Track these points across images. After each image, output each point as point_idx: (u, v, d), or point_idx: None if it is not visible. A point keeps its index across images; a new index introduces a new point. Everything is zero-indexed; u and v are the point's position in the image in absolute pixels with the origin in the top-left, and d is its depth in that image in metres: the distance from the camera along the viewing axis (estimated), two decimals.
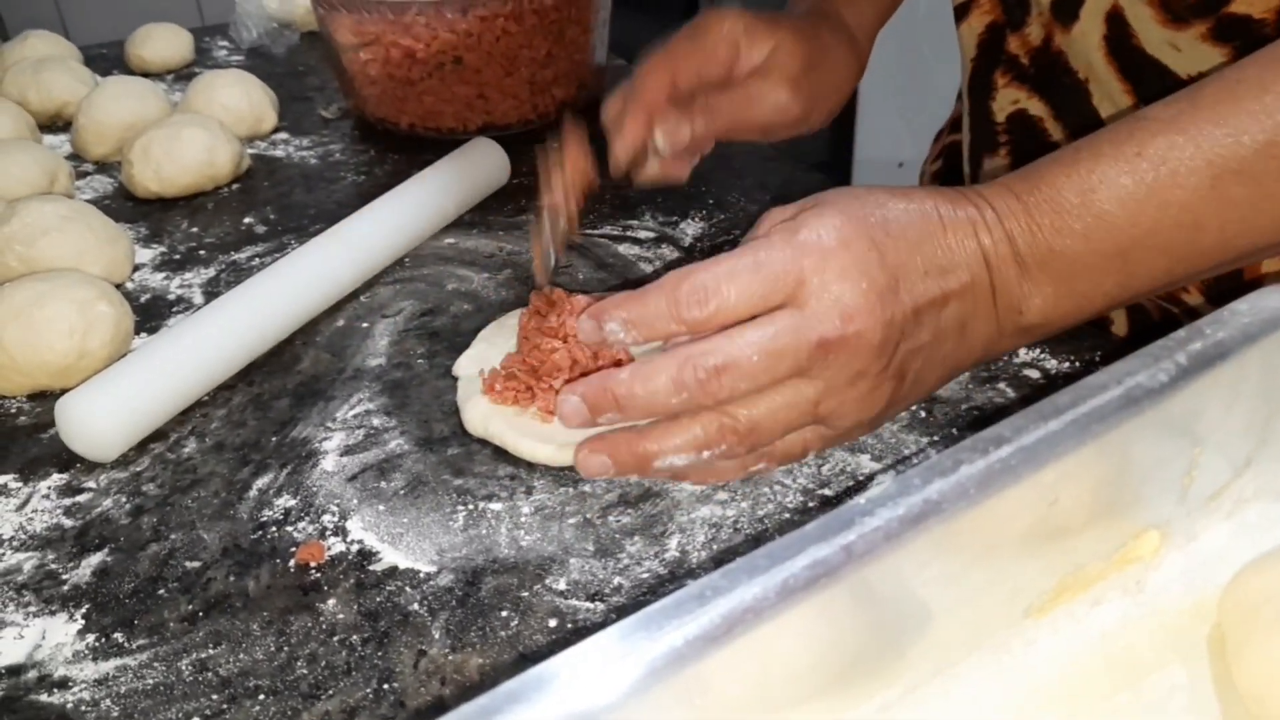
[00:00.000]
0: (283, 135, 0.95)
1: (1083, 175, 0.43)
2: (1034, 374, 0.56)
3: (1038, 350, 0.57)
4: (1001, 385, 0.55)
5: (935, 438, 0.51)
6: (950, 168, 0.82)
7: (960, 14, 0.72)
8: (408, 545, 0.47)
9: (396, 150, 0.90)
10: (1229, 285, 0.61)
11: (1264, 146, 0.41)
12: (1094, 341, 0.58)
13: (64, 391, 0.55)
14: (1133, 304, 0.61)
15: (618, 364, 0.52)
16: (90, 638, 0.43)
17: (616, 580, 0.45)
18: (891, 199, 0.44)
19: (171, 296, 0.69)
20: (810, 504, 0.48)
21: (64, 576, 0.47)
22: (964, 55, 0.73)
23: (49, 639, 0.43)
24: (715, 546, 0.46)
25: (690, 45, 0.63)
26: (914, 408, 0.53)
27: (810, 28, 0.66)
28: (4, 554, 0.48)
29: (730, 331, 0.41)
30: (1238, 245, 0.44)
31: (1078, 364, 0.56)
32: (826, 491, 0.48)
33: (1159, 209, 0.42)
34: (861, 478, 0.49)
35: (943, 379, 0.46)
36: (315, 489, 0.51)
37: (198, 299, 0.68)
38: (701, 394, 0.41)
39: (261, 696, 0.40)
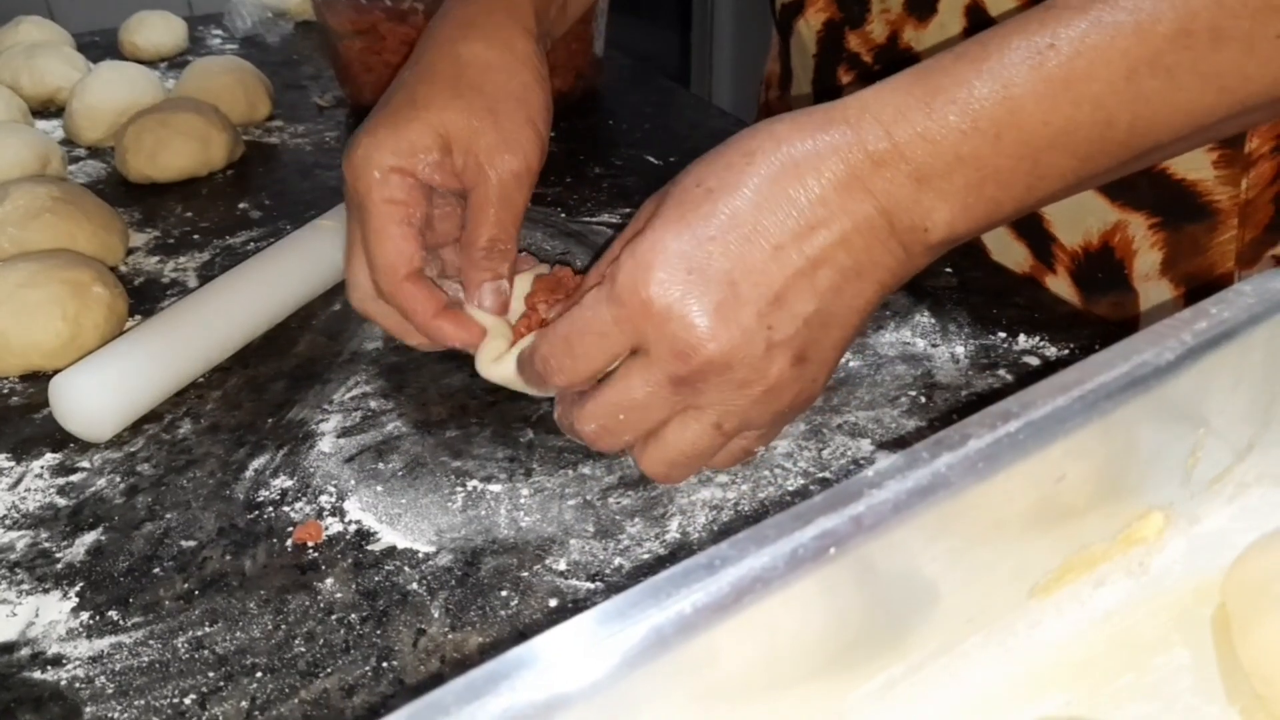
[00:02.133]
0: (277, 123, 0.95)
1: (995, 69, 0.39)
2: (1034, 361, 0.56)
3: (1037, 338, 0.57)
4: (1001, 371, 0.55)
5: (936, 422, 0.51)
6: None
7: (794, 11, 0.71)
8: (406, 525, 0.47)
9: None
10: (1201, 284, 0.62)
11: (1178, 35, 0.38)
12: (1093, 329, 0.58)
13: (56, 372, 0.54)
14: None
15: None
16: (84, 615, 0.43)
17: (617, 561, 0.44)
18: (728, 174, 0.40)
19: (166, 280, 0.68)
20: (811, 487, 0.48)
21: (57, 555, 0.46)
22: (805, 51, 0.72)
23: (42, 616, 0.43)
24: (716, 528, 0.46)
25: (382, 235, 0.51)
26: (913, 394, 0.53)
27: (447, 61, 0.54)
28: None
29: (596, 394, 0.43)
30: (1144, 143, 0.41)
31: (1078, 351, 0.56)
32: (827, 475, 0.48)
33: (1072, 105, 0.39)
34: (862, 461, 0.49)
35: (857, 325, 0.43)
36: (312, 470, 0.51)
37: (192, 283, 0.68)
38: (604, 448, 0.45)
39: (259, 674, 0.40)
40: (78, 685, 0.40)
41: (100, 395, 0.52)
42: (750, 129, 0.42)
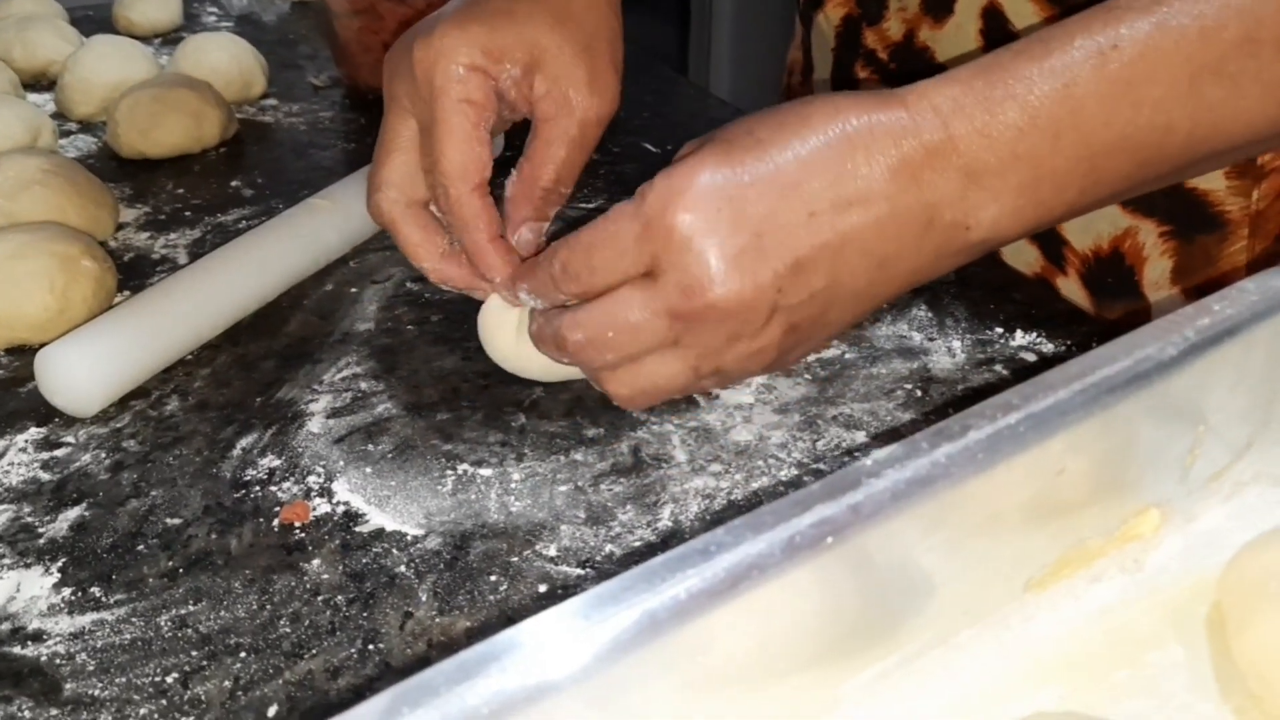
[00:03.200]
0: (271, 101, 0.94)
1: (1056, 67, 0.38)
2: (1030, 357, 0.55)
3: (1034, 334, 0.57)
4: (997, 367, 0.55)
5: (931, 416, 0.51)
6: None
7: (815, 3, 0.71)
8: (395, 508, 0.46)
9: None
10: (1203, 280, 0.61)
11: (1242, 43, 0.38)
12: (1090, 327, 0.58)
13: (43, 346, 0.53)
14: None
15: None
16: (66, 591, 0.42)
17: (608, 548, 0.44)
18: (780, 131, 0.40)
19: (155, 256, 0.68)
20: (805, 477, 0.47)
21: (40, 530, 0.45)
22: (824, 45, 0.72)
23: (24, 591, 0.42)
24: (708, 517, 0.45)
25: (455, 135, 0.49)
26: (909, 387, 0.53)
27: None
28: None
29: (592, 305, 0.42)
30: (1202, 150, 0.40)
31: (1074, 348, 0.56)
32: (821, 466, 0.48)
33: (1133, 108, 0.38)
34: (857, 453, 0.49)
35: (858, 314, 0.43)
36: (301, 450, 0.50)
37: (182, 259, 0.67)
38: (580, 361, 0.44)
39: (243, 654, 0.39)
40: (58, 661, 0.39)
41: (87, 370, 0.51)
42: (809, 97, 0.41)
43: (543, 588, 0.42)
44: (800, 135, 0.39)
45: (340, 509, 0.46)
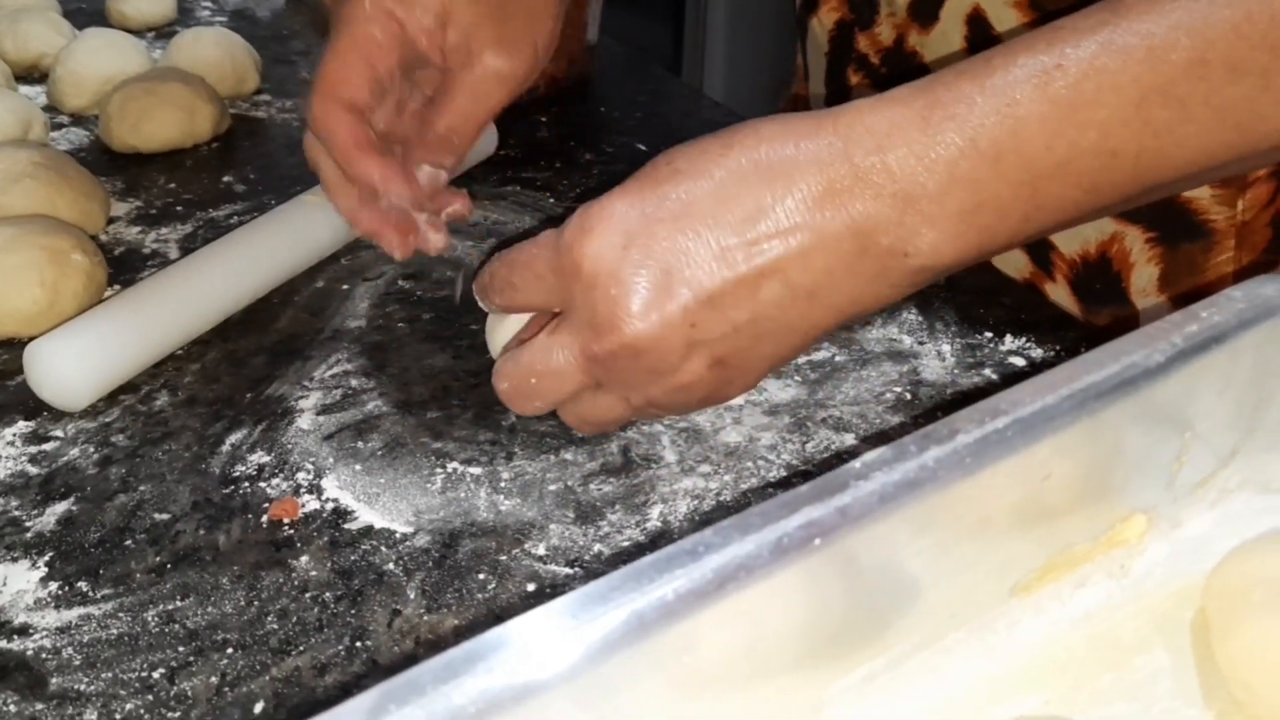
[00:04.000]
0: (265, 97, 0.93)
1: (998, 87, 0.37)
2: (1019, 361, 0.56)
3: (1023, 339, 0.57)
4: (986, 371, 0.55)
5: (920, 419, 0.51)
6: None
7: (809, 8, 0.71)
8: (384, 505, 0.46)
9: None
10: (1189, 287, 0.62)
11: (1192, 65, 0.36)
12: (1079, 332, 0.58)
13: (32, 339, 0.53)
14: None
15: None
16: (53, 586, 0.42)
17: (597, 548, 0.44)
18: (698, 161, 0.39)
19: (146, 251, 0.67)
20: (794, 479, 0.47)
21: (27, 524, 0.45)
22: (819, 49, 0.72)
23: (10, 585, 0.42)
24: (697, 518, 0.45)
25: (340, 57, 0.49)
26: (899, 390, 0.53)
27: None
28: None
29: (511, 354, 0.43)
30: (1150, 177, 0.38)
31: (1062, 353, 0.56)
32: (810, 468, 0.48)
33: (1077, 130, 0.37)
34: (846, 455, 0.49)
35: (797, 345, 0.41)
36: (290, 446, 0.50)
37: (173, 254, 0.67)
38: (514, 408, 0.44)
39: (230, 650, 0.39)
40: (44, 656, 0.39)
41: (76, 364, 0.51)
42: (739, 124, 0.40)
43: (531, 586, 0.42)
44: (717, 164, 0.39)
45: (329, 506, 0.46)
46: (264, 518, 0.46)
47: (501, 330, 0.51)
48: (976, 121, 0.37)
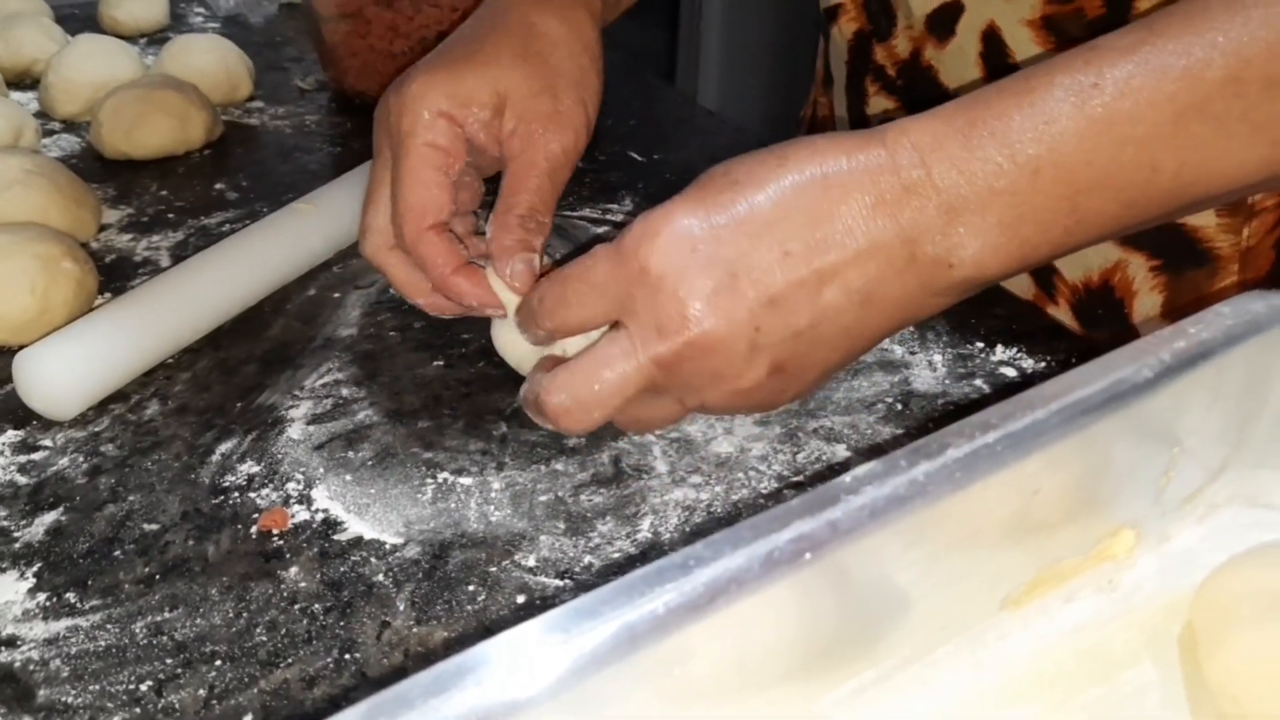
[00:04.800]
0: (257, 104, 0.93)
1: (1036, 105, 0.38)
2: (1010, 372, 0.56)
3: (1014, 350, 0.57)
4: (978, 382, 0.55)
5: (911, 430, 0.51)
6: None
7: (830, 16, 0.72)
8: (374, 516, 0.46)
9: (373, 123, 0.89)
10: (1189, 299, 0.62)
11: (1228, 83, 0.37)
12: (1069, 343, 0.58)
13: (22, 348, 0.53)
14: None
15: None
16: (41, 597, 0.42)
17: (587, 559, 0.44)
18: (756, 173, 0.40)
19: (138, 258, 0.67)
20: (785, 491, 0.47)
21: (15, 534, 0.45)
22: (838, 57, 0.73)
23: None
24: (688, 529, 0.45)
25: (416, 178, 0.50)
26: (890, 401, 0.53)
27: (519, 27, 0.54)
28: None
29: (568, 365, 0.43)
30: (1191, 192, 0.40)
31: (1054, 364, 0.56)
32: (801, 479, 0.48)
33: (1116, 146, 0.38)
34: (837, 466, 0.49)
35: (851, 351, 0.42)
36: (280, 456, 0.50)
37: (165, 262, 0.67)
38: (568, 422, 0.43)
39: (218, 662, 0.39)
40: (32, 668, 0.39)
41: (65, 373, 0.51)
42: (788, 141, 0.41)
43: (521, 598, 0.42)
44: (776, 176, 0.40)
45: (319, 516, 0.46)
46: (253, 528, 0.45)
47: (515, 336, 0.51)
48: (1015, 137, 0.38)
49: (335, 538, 0.45)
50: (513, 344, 0.51)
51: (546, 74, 0.53)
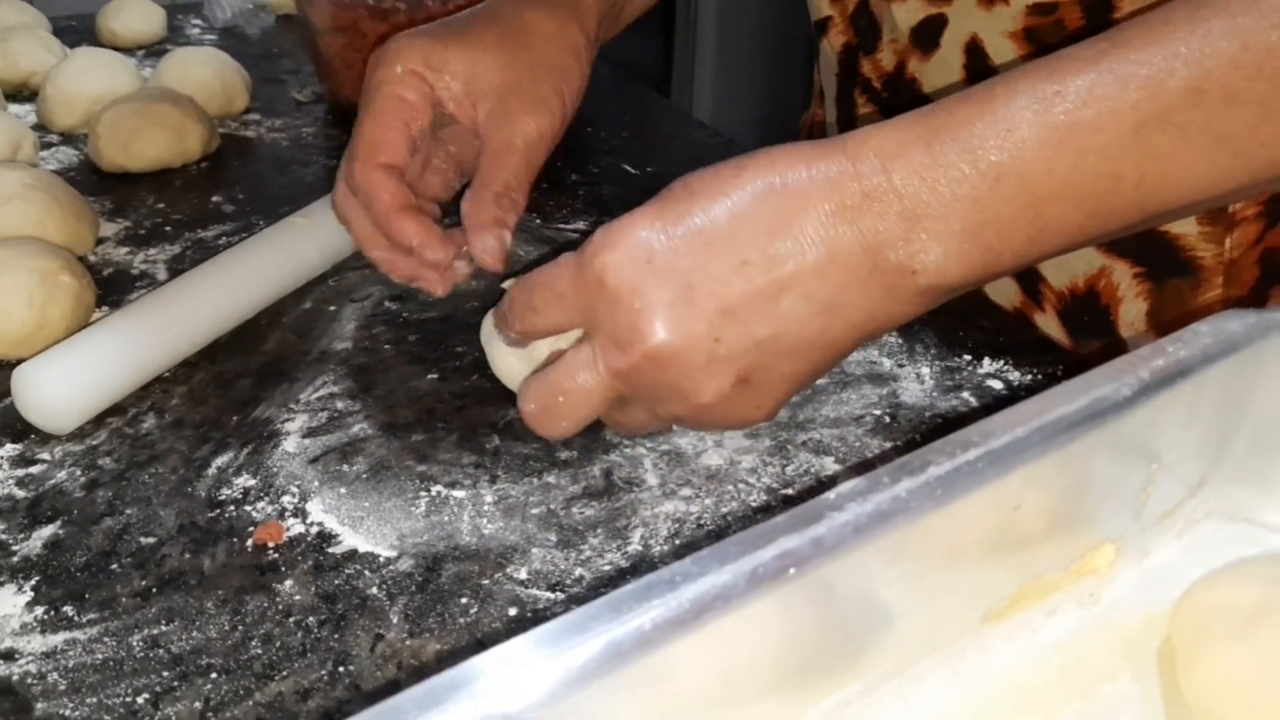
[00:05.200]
0: (254, 116, 0.94)
1: (999, 113, 0.38)
2: (997, 385, 0.56)
3: (1001, 362, 0.58)
4: (965, 394, 0.56)
5: (899, 443, 0.52)
6: None
7: (820, 30, 0.73)
8: (368, 529, 0.47)
9: None
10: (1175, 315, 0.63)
11: (1190, 92, 0.37)
12: (1056, 355, 0.59)
13: (20, 361, 0.54)
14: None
15: None
16: (39, 610, 0.43)
17: (578, 571, 0.44)
18: (714, 184, 0.40)
19: (135, 272, 0.68)
20: (773, 503, 0.48)
21: (14, 548, 0.46)
22: (829, 70, 0.74)
23: None
24: (678, 541, 0.46)
25: (375, 121, 0.53)
26: (878, 413, 0.54)
27: (509, 18, 0.57)
28: None
29: (536, 375, 0.44)
30: (1155, 203, 0.40)
31: (1040, 377, 0.57)
32: (790, 491, 0.49)
33: (1077, 154, 0.38)
34: (825, 479, 0.50)
35: (818, 362, 0.42)
36: (276, 470, 0.50)
37: (162, 275, 0.67)
38: (541, 431, 0.45)
39: (214, 675, 0.40)
40: (29, 681, 0.39)
41: (63, 387, 0.51)
42: (754, 150, 0.42)
43: (513, 611, 0.43)
44: (734, 187, 0.40)
45: (314, 530, 0.47)
46: (249, 542, 0.46)
47: (505, 350, 0.52)
48: (977, 144, 0.38)
49: (330, 551, 0.46)
50: (503, 359, 0.52)
51: (526, 60, 0.55)
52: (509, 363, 0.51)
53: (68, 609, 0.43)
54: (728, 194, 0.40)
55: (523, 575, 0.44)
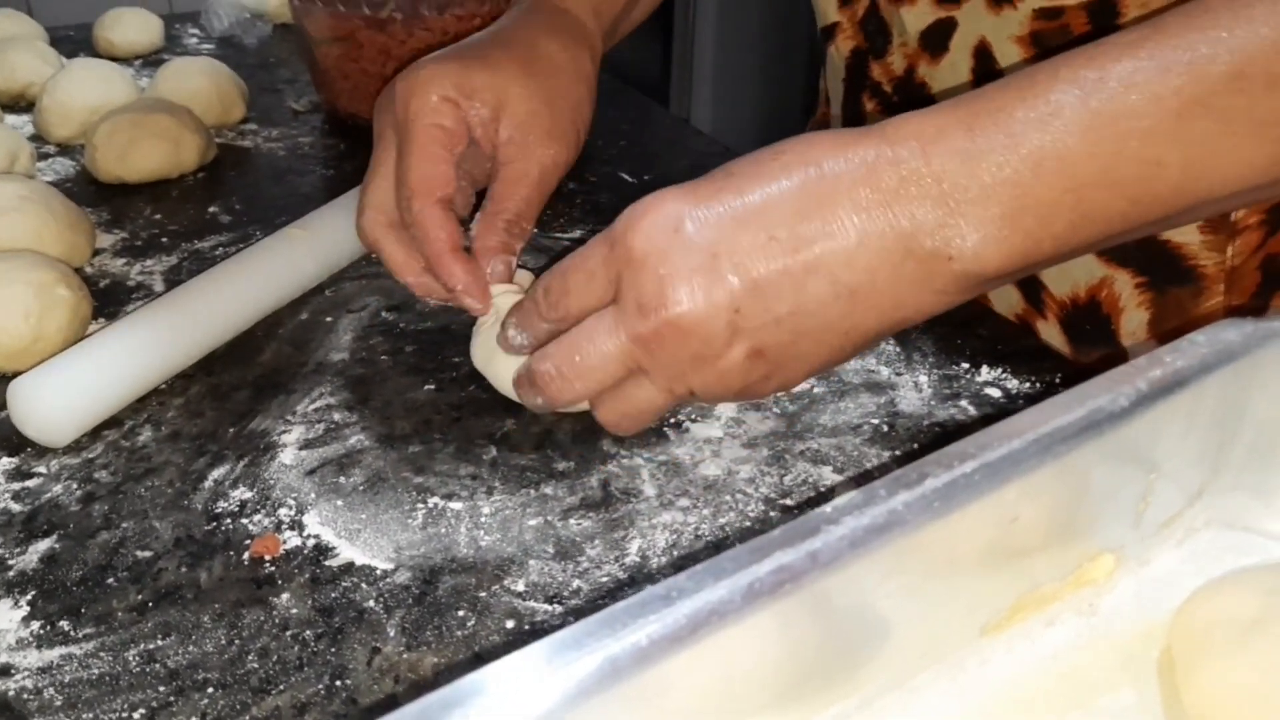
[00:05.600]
0: (251, 126, 0.94)
1: (1040, 97, 0.38)
2: (995, 393, 0.56)
3: (999, 370, 0.58)
4: (963, 403, 0.56)
5: (897, 452, 0.52)
6: None
7: (828, 36, 0.73)
8: (365, 541, 0.47)
9: (366, 145, 0.87)
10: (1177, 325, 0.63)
11: (1232, 78, 0.37)
12: (1054, 363, 0.59)
13: (17, 374, 0.54)
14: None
15: None
16: (35, 625, 0.42)
17: (575, 583, 0.44)
18: (752, 166, 0.41)
19: (132, 283, 0.68)
20: (771, 513, 0.48)
21: (10, 562, 0.46)
22: (835, 76, 0.74)
23: None
24: (676, 552, 0.46)
25: (424, 154, 0.54)
26: (876, 422, 0.54)
27: (526, 46, 0.58)
28: None
29: (560, 337, 0.45)
30: (1197, 190, 0.39)
31: (1039, 385, 0.57)
32: (788, 501, 0.49)
33: (1118, 140, 0.38)
34: (823, 489, 0.50)
35: (838, 348, 0.42)
36: (272, 482, 0.50)
37: (159, 286, 0.67)
38: (551, 395, 0.45)
39: (210, 690, 0.40)
40: (26, 696, 0.39)
41: (59, 400, 0.51)
42: (792, 138, 0.42)
43: (510, 623, 0.43)
44: (769, 169, 0.41)
45: (311, 542, 0.47)
46: (246, 554, 0.46)
47: (498, 355, 0.52)
48: (1019, 129, 0.38)
49: (326, 563, 0.45)
50: (492, 364, 0.52)
51: (546, 92, 0.56)
52: (506, 366, 0.52)
53: (64, 624, 0.42)
54: (763, 176, 0.40)
55: (520, 587, 0.44)
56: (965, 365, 0.59)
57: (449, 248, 0.53)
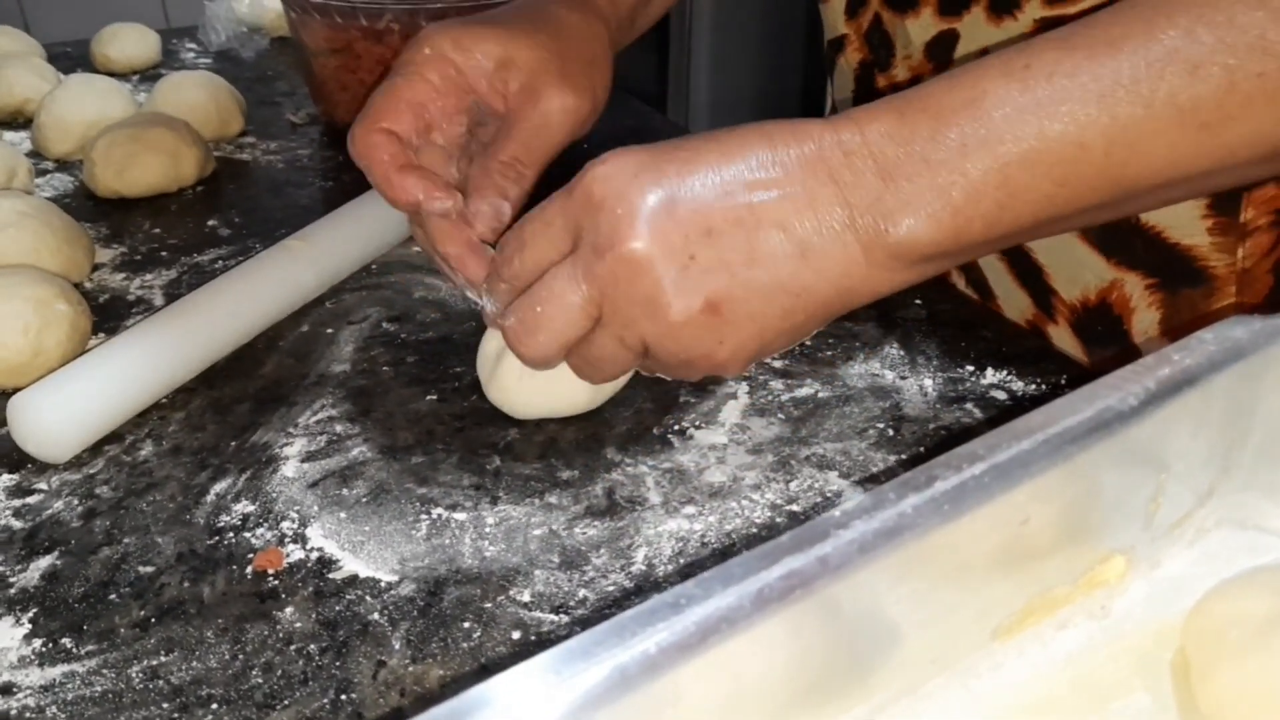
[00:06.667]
0: (249, 139, 0.94)
1: (967, 85, 0.41)
2: (1001, 395, 0.56)
3: (1004, 372, 0.58)
4: (969, 406, 0.55)
5: (903, 456, 0.52)
6: None
7: (837, 48, 0.73)
8: (369, 554, 0.46)
9: None
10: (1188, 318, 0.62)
11: (1153, 65, 0.39)
12: (1059, 365, 0.59)
13: (16, 390, 0.53)
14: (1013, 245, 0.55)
15: None
16: (37, 643, 0.42)
17: (582, 593, 0.44)
18: (707, 137, 0.43)
19: (131, 297, 0.68)
20: (778, 519, 0.48)
21: (11, 579, 0.45)
22: (844, 87, 0.74)
23: None
24: (682, 560, 0.46)
25: (389, 94, 0.53)
26: (881, 426, 0.54)
27: (535, 9, 0.58)
28: None
29: (526, 291, 0.45)
30: (1125, 175, 0.40)
31: (1044, 387, 0.57)
32: (794, 508, 0.48)
33: (1043, 122, 0.39)
34: (829, 494, 0.49)
35: (792, 311, 0.43)
36: (275, 495, 0.50)
37: (158, 300, 0.67)
38: (518, 348, 0.45)
39: (214, 706, 0.39)
40: (28, 715, 0.39)
41: (60, 416, 0.51)
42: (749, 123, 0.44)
43: (516, 634, 0.42)
44: (725, 137, 0.43)
45: (314, 555, 0.46)
46: (249, 569, 0.46)
47: (501, 371, 0.52)
48: (946, 112, 0.40)
49: (330, 576, 0.45)
50: (499, 386, 0.52)
51: (558, 48, 0.55)
52: (506, 384, 0.52)
53: (66, 641, 0.42)
54: (718, 141, 0.42)
55: (526, 598, 0.44)
56: (970, 368, 0.59)
57: (393, 165, 0.51)
